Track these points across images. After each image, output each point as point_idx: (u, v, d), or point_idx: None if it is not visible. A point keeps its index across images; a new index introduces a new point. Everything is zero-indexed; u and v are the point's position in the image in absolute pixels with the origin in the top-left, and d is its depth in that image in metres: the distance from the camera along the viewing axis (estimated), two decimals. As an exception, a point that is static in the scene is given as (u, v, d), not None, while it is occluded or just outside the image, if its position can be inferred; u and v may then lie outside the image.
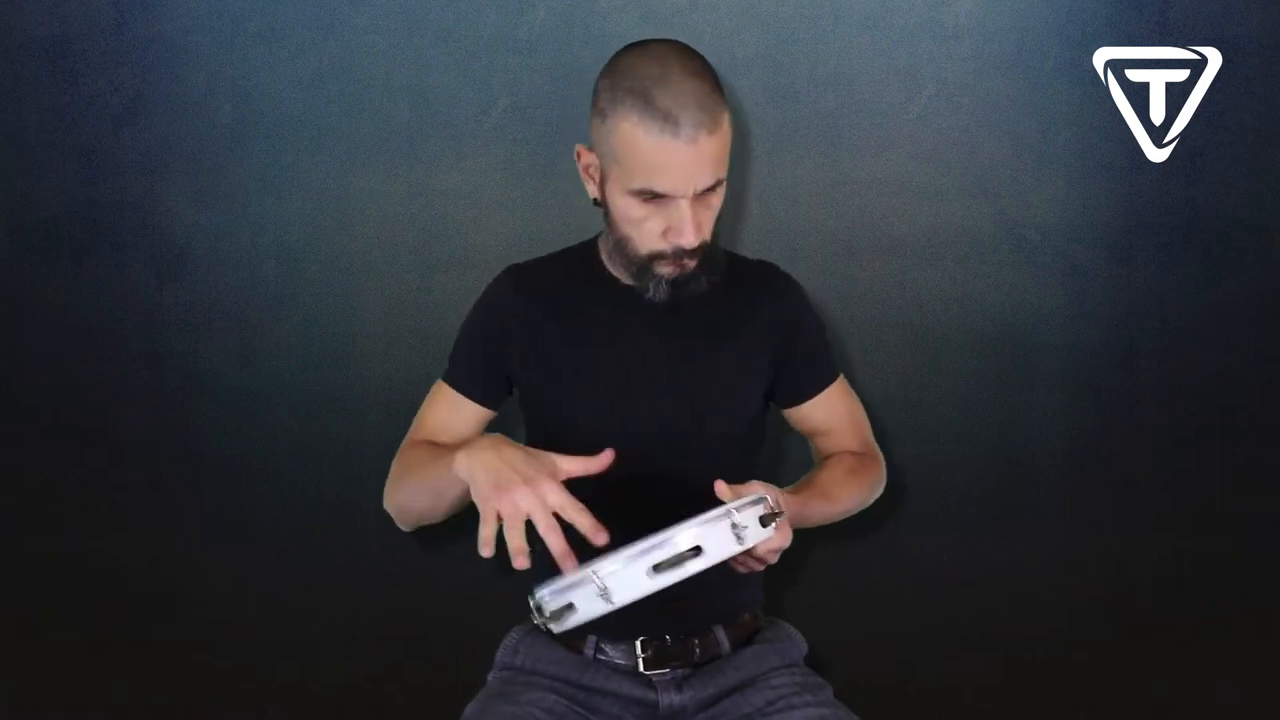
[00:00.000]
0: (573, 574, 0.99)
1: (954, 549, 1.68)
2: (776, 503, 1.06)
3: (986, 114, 1.61)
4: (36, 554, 1.72)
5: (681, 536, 0.97)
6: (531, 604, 1.03)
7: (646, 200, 1.16)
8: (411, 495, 1.25)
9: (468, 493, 1.06)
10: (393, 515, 1.31)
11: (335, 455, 1.68)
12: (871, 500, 1.39)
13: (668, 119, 1.11)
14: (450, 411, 1.32)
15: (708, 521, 0.99)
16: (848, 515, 1.36)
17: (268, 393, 1.67)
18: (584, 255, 1.32)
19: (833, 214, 1.63)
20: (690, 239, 1.16)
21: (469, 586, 1.59)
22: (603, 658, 1.27)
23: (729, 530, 0.99)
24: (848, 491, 1.33)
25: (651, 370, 1.27)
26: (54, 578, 1.72)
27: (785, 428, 1.44)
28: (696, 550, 0.98)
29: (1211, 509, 1.68)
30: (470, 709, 1.20)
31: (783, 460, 1.62)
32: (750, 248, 1.42)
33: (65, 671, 1.72)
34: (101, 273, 1.67)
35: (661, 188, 1.14)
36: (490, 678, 1.30)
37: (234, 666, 1.71)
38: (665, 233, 1.17)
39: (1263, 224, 1.63)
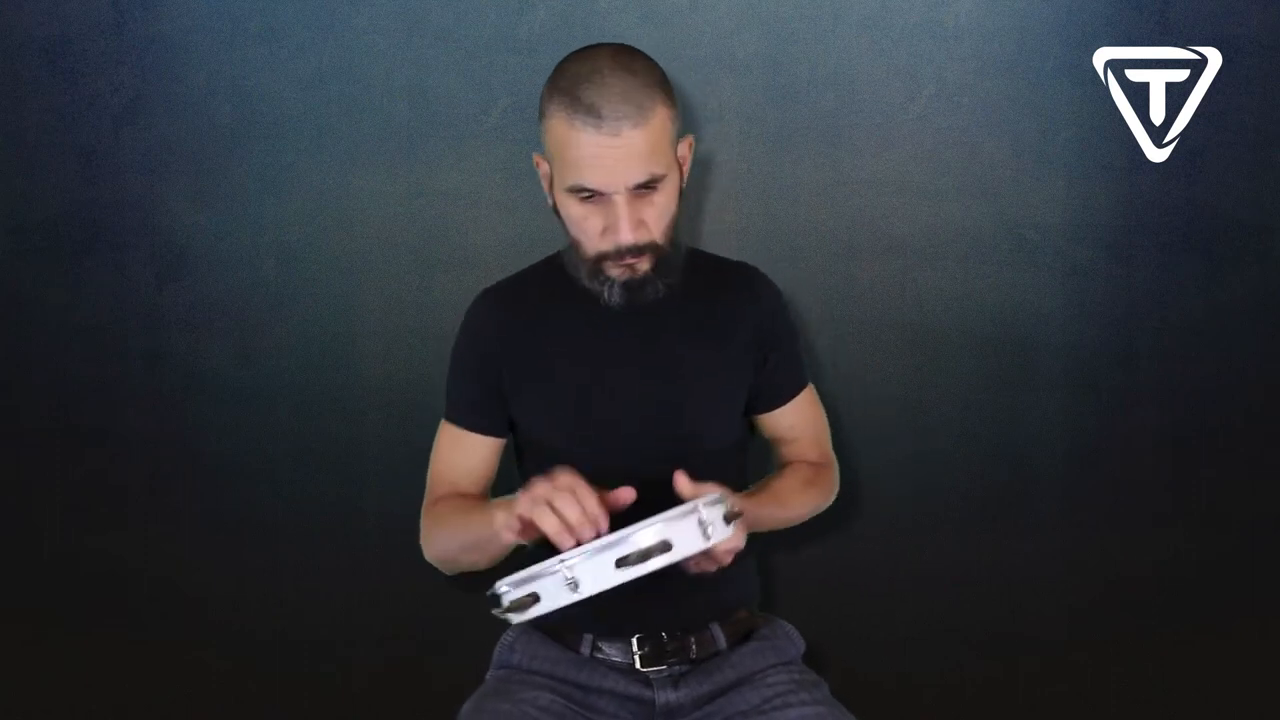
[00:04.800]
0: (537, 565, 1.00)
1: (954, 549, 1.68)
2: (735, 503, 1.06)
3: (986, 114, 1.61)
4: (36, 554, 1.72)
5: (649, 530, 0.99)
6: (489, 596, 1.03)
7: (584, 199, 1.16)
8: (456, 550, 1.27)
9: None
10: (435, 566, 1.32)
11: (335, 455, 1.68)
12: (822, 509, 1.40)
13: (590, 112, 1.11)
14: (462, 450, 1.31)
15: (675, 518, 1.00)
16: (798, 523, 1.36)
17: (268, 393, 1.67)
18: (554, 268, 1.31)
19: (833, 214, 1.63)
20: (626, 236, 1.15)
21: (469, 586, 1.58)
22: (599, 655, 1.27)
23: (696, 526, 1.00)
24: (801, 500, 1.34)
25: (635, 380, 1.27)
26: (54, 578, 1.72)
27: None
28: (665, 545, 0.99)
29: (1211, 509, 1.68)
30: (466, 707, 1.20)
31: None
32: (751, 248, 1.41)
33: (65, 671, 1.72)
34: (101, 273, 1.66)
35: (591, 183, 1.14)
36: (488, 676, 1.30)
37: (234, 666, 1.71)
38: (604, 231, 1.17)
39: (1263, 224, 1.63)
